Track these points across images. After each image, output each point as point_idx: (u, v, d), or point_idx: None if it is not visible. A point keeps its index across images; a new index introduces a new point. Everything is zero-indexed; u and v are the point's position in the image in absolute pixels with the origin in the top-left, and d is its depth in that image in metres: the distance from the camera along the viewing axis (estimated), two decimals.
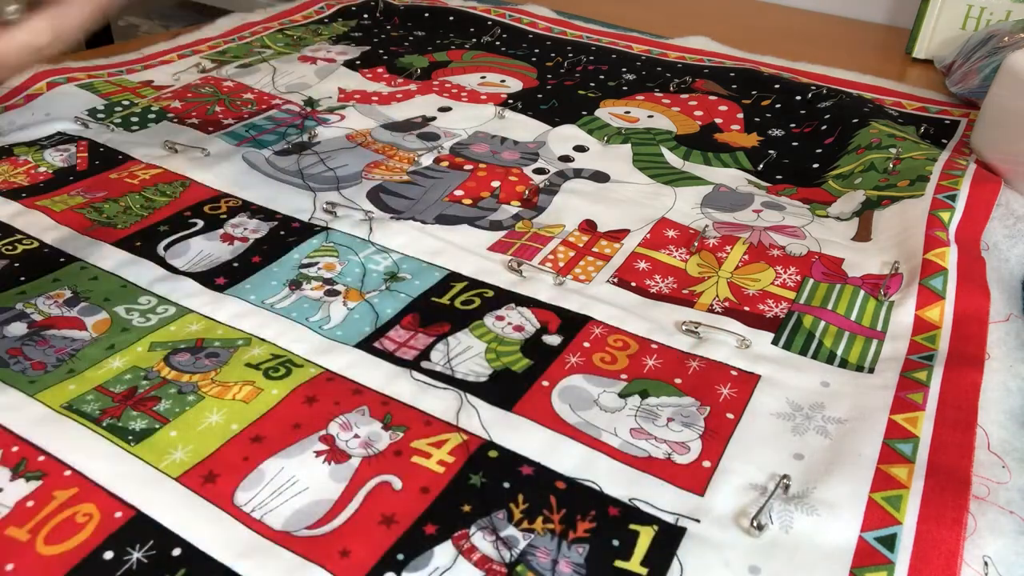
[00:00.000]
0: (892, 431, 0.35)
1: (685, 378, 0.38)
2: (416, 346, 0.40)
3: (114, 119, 0.62)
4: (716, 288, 0.45)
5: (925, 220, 0.49)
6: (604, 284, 0.45)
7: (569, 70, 0.75)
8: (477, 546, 0.29)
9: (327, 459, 0.33)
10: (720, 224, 0.51)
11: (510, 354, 0.39)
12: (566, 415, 0.36)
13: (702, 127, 0.65)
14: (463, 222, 0.50)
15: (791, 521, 0.31)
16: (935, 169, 0.55)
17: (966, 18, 0.79)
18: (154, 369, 0.37)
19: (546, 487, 0.32)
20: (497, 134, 0.62)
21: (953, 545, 0.30)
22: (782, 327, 0.42)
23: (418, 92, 0.70)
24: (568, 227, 0.50)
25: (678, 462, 0.33)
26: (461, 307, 0.43)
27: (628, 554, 0.29)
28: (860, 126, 0.63)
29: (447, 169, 0.57)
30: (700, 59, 0.77)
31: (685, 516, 0.31)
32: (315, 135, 0.60)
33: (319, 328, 0.41)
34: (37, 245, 0.46)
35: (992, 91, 0.57)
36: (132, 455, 0.33)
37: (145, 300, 0.42)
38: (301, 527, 0.30)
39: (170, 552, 0.29)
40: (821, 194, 0.56)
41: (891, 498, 0.31)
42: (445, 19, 0.86)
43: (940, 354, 0.39)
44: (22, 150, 0.57)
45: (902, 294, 0.44)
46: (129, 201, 0.51)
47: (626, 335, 0.41)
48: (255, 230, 0.48)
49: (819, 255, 0.48)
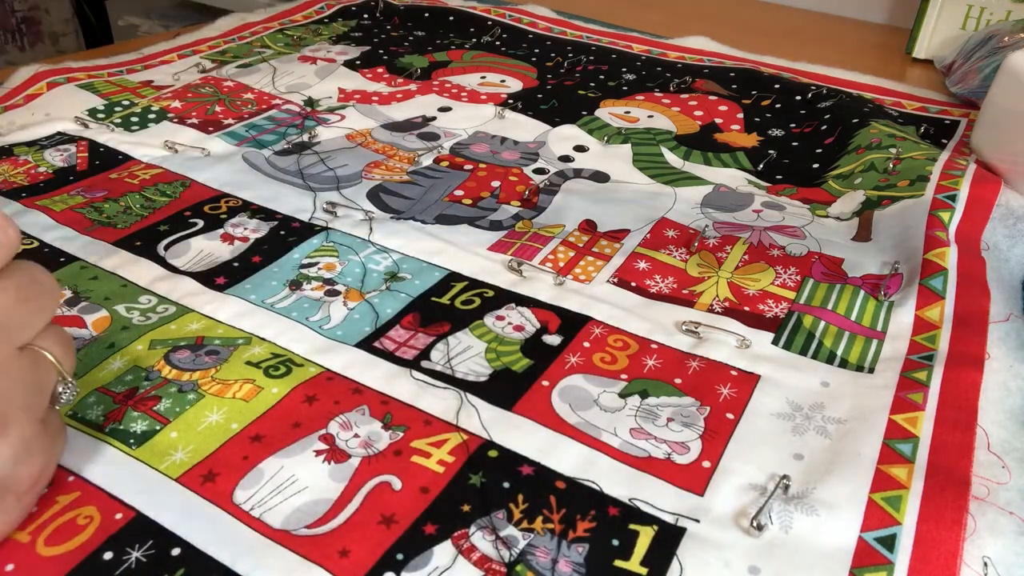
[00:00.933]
0: (892, 431, 0.35)
1: (685, 378, 0.38)
2: (416, 346, 0.40)
3: (114, 119, 0.62)
4: (716, 288, 0.45)
5: (925, 220, 0.49)
6: (604, 284, 0.45)
7: (569, 70, 0.75)
8: (477, 546, 0.29)
9: (327, 458, 0.33)
10: (720, 224, 0.51)
11: (510, 354, 0.39)
12: (566, 415, 0.36)
13: (702, 127, 0.65)
14: (463, 222, 0.50)
15: (791, 521, 0.31)
16: (935, 169, 0.55)
17: (966, 18, 0.79)
18: (155, 368, 0.37)
19: (546, 487, 0.32)
20: (497, 134, 0.62)
21: (953, 545, 0.30)
22: (782, 327, 0.42)
23: (418, 92, 0.70)
24: (568, 227, 0.50)
25: (678, 462, 0.33)
26: (461, 307, 0.43)
27: (628, 554, 0.29)
28: (860, 126, 0.63)
29: (447, 169, 0.57)
30: (700, 59, 0.78)
31: (685, 516, 0.31)
32: (315, 135, 0.60)
33: (319, 328, 0.41)
34: (37, 245, 0.46)
35: (992, 91, 0.57)
36: (133, 458, 0.33)
37: (145, 299, 0.42)
38: (300, 526, 0.30)
39: (169, 552, 0.29)
40: (821, 194, 0.56)
41: (891, 498, 0.31)
42: (445, 19, 0.86)
43: (940, 354, 0.39)
44: (22, 150, 0.57)
45: (902, 294, 0.44)
46: (129, 201, 0.51)
47: (626, 335, 0.41)
48: (255, 230, 0.48)
49: (819, 255, 0.48)
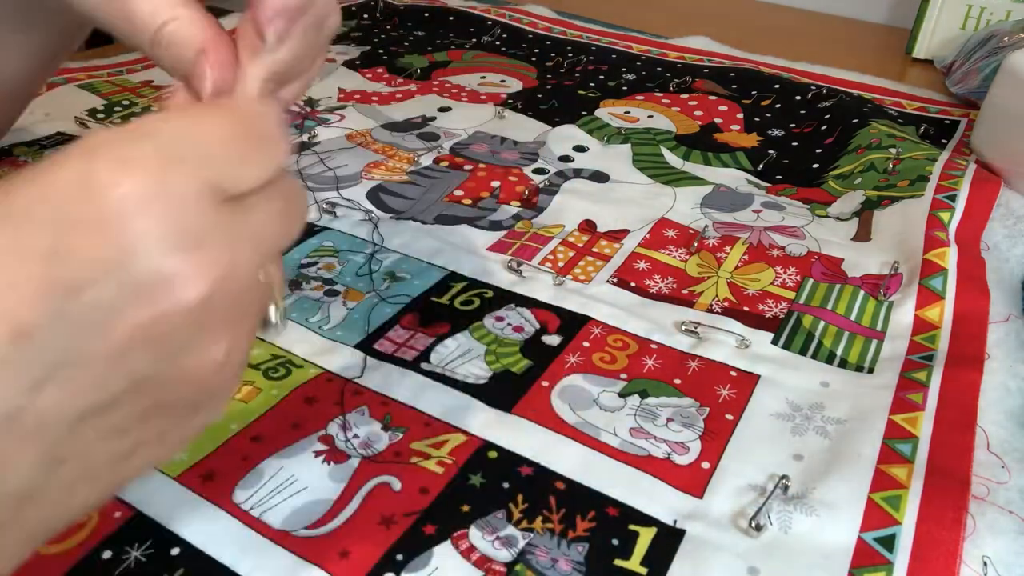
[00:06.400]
0: (892, 431, 0.35)
1: (684, 378, 0.38)
2: (416, 346, 0.40)
3: (114, 119, 0.62)
4: (716, 288, 0.45)
5: (925, 220, 0.49)
6: (604, 284, 0.45)
7: (569, 70, 0.75)
8: (476, 546, 0.29)
9: (326, 459, 0.33)
10: (720, 224, 0.51)
11: (510, 355, 0.39)
12: (565, 415, 0.36)
13: (702, 127, 0.65)
14: (463, 222, 0.50)
15: (790, 522, 0.31)
16: (935, 169, 0.55)
17: (966, 18, 0.79)
18: None
19: (545, 487, 0.32)
20: (497, 134, 0.62)
21: (952, 545, 0.30)
22: (782, 327, 0.42)
23: (418, 92, 0.70)
24: (568, 227, 0.50)
25: (677, 462, 0.33)
26: (461, 307, 0.43)
27: (628, 553, 0.29)
28: (860, 126, 0.63)
29: (447, 169, 0.57)
30: (700, 59, 0.77)
31: (684, 516, 0.31)
32: (315, 135, 0.60)
33: (319, 328, 0.41)
34: None
35: (992, 91, 0.57)
36: None
37: None
38: (300, 527, 0.30)
39: (169, 551, 0.29)
40: (821, 194, 0.56)
41: (890, 498, 0.31)
42: (445, 19, 0.86)
43: (940, 354, 0.39)
44: (22, 151, 0.57)
45: (902, 294, 0.44)
46: None
47: (626, 335, 0.41)
48: None
49: (819, 255, 0.48)
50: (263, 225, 0.21)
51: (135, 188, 0.18)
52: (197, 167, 0.19)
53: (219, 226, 0.19)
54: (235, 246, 0.20)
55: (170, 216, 0.18)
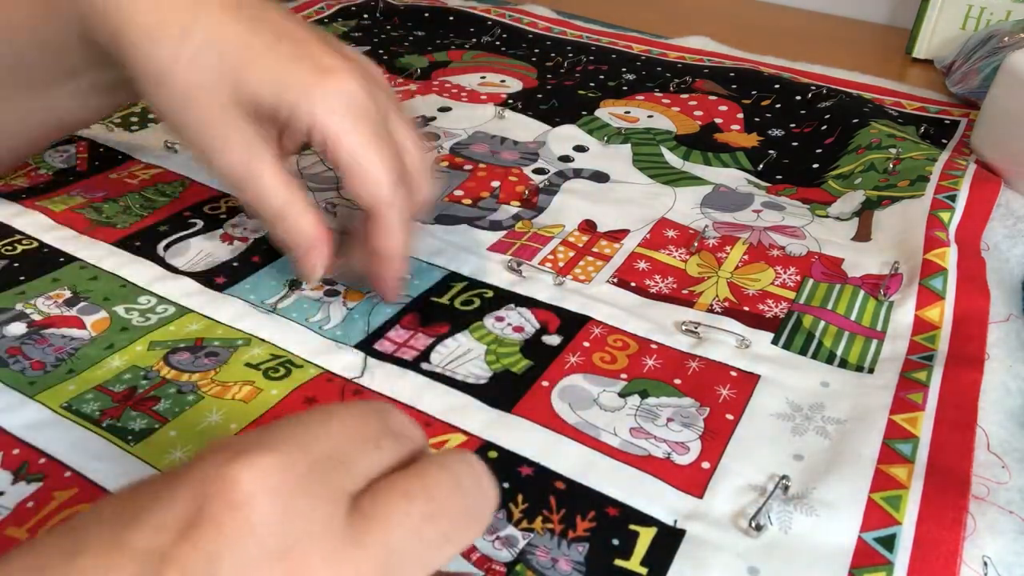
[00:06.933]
0: (892, 431, 0.35)
1: (684, 378, 0.38)
2: (416, 346, 0.40)
3: (114, 119, 0.62)
4: (716, 288, 0.45)
5: (925, 220, 0.49)
6: (604, 284, 0.45)
7: (569, 70, 0.75)
8: (476, 546, 0.29)
9: None
10: (720, 224, 0.51)
11: (510, 355, 0.39)
12: (565, 414, 0.36)
13: (702, 127, 0.65)
14: (463, 222, 0.50)
15: (790, 522, 0.31)
16: (935, 169, 0.55)
17: (966, 18, 0.79)
18: (154, 368, 0.37)
19: (545, 487, 0.32)
20: (497, 134, 0.62)
21: (953, 545, 0.30)
22: (782, 327, 0.42)
23: (418, 92, 0.70)
24: (568, 227, 0.50)
25: (677, 462, 0.33)
26: (461, 307, 0.43)
27: (628, 553, 0.29)
28: (860, 126, 0.63)
29: (447, 169, 0.57)
30: (700, 59, 0.77)
31: (684, 516, 0.31)
32: None
33: (319, 328, 0.41)
34: (36, 245, 0.46)
35: (992, 91, 0.57)
36: (131, 455, 0.33)
37: (145, 300, 0.42)
38: None
39: None
40: (821, 194, 0.56)
41: (890, 498, 0.31)
42: (445, 19, 0.86)
43: (940, 354, 0.39)
44: None
45: (902, 294, 0.44)
46: (129, 201, 0.51)
47: (626, 335, 0.41)
48: (255, 230, 0.48)
49: (819, 255, 0.48)
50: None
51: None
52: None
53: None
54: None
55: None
